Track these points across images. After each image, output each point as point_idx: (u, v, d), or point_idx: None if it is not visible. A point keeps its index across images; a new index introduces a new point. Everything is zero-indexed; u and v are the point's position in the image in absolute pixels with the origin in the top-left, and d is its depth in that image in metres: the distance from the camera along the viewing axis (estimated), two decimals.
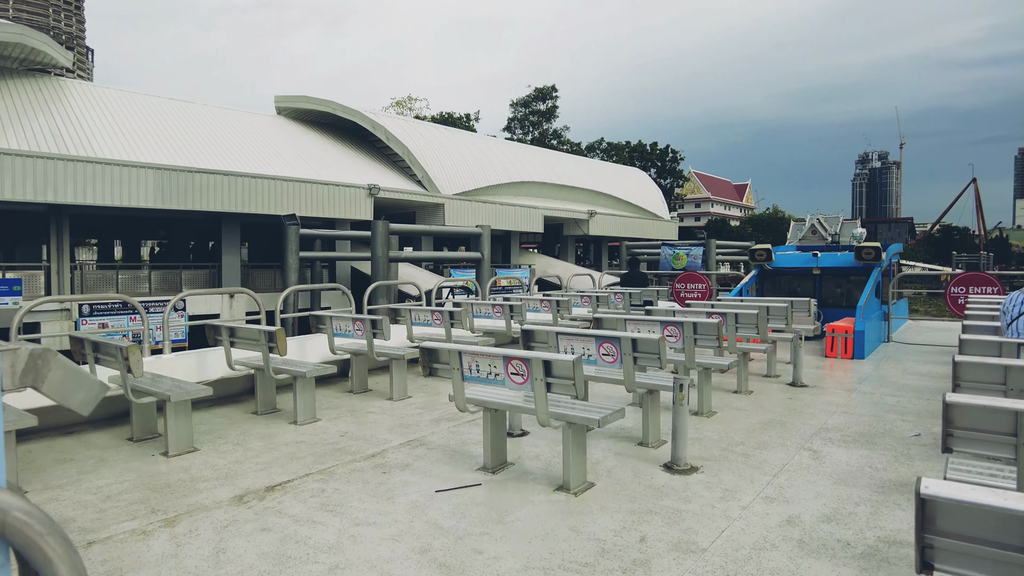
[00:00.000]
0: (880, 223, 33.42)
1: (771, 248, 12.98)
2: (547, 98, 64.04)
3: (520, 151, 37.57)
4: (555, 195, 34.92)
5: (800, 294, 12.62)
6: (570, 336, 5.12)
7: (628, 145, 68.96)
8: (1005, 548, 1.58)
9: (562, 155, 41.90)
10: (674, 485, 4.27)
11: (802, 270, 12.76)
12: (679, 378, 4.59)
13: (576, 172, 38.48)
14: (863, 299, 10.42)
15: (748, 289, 12.67)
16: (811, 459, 4.82)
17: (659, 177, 66.83)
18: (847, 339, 9.78)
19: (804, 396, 7.03)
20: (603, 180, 39.64)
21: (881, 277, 11.85)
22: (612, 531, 3.56)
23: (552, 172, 35.91)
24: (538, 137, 62.14)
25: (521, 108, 64.48)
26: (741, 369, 7.16)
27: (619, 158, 64.26)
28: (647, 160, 67.98)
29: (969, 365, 3.68)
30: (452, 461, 4.80)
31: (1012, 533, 1.56)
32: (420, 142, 29.44)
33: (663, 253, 27.67)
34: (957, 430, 2.70)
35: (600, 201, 37.73)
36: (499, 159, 33.14)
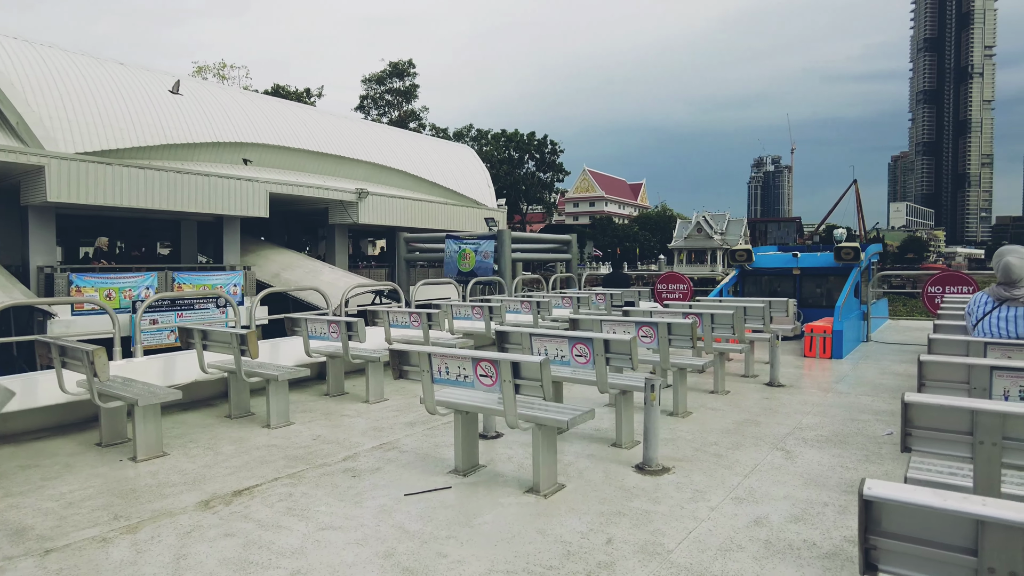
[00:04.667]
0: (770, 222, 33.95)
1: (751, 249, 13.05)
2: (404, 75, 57.35)
3: (259, 103, 25.87)
4: (319, 167, 25.38)
5: (780, 294, 12.69)
6: (543, 337, 5.09)
7: (504, 134, 63.41)
8: (946, 548, 1.57)
9: (340, 118, 31.06)
10: (645, 486, 4.25)
11: (782, 270, 12.83)
12: (651, 378, 4.58)
13: (364, 142, 28.34)
14: (841, 299, 10.48)
15: (729, 289, 12.72)
16: (783, 459, 4.83)
17: (538, 170, 64.27)
18: (825, 339, 9.83)
19: (780, 396, 7.05)
20: (409, 155, 30.40)
21: (860, 277, 11.93)
22: (579, 533, 3.54)
23: (311, 137, 25.42)
24: (397, 119, 55.32)
25: (375, 86, 57.70)
26: (718, 369, 7.17)
27: (492, 147, 61.00)
28: (524, 151, 63.34)
29: (934, 364, 3.69)
30: (424, 464, 4.76)
31: (953, 533, 1.55)
32: (19, 66, 17.52)
33: (447, 249, 20.95)
34: (916, 429, 2.70)
35: (392, 179, 28.53)
36: (203, 108, 21.85)
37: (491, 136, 63.66)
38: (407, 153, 30.45)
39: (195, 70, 48.08)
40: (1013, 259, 4.54)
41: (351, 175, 26.32)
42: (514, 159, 62.77)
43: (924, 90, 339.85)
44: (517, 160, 62.86)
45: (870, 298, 12.59)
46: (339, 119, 30.38)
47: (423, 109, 58.72)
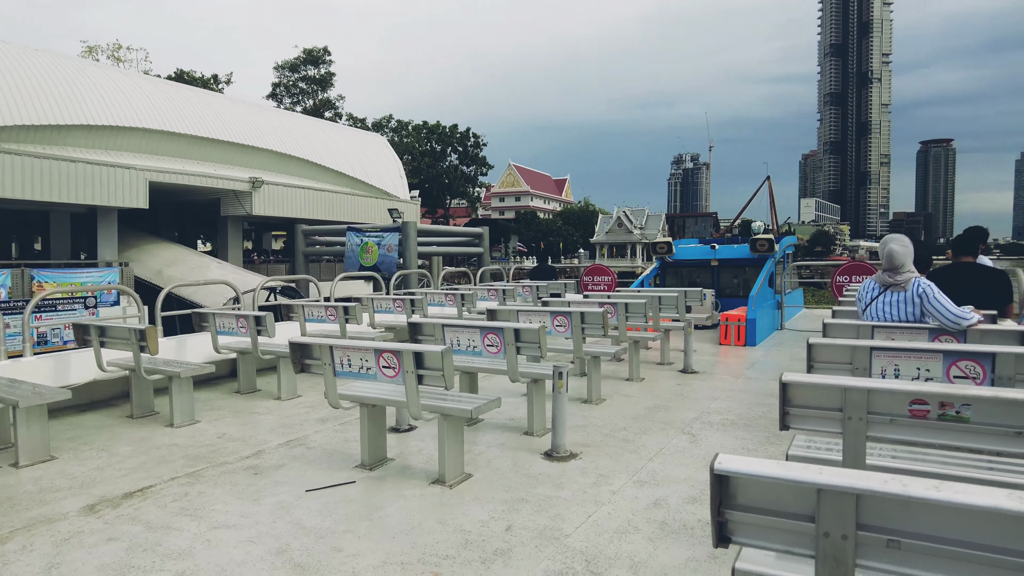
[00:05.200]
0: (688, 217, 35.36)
1: (672, 241, 13.37)
2: (319, 62, 54.12)
3: (143, 84, 23.17)
4: (211, 155, 22.92)
5: (700, 285, 13.05)
6: (456, 328, 5.04)
7: (425, 125, 61.65)
8: (790, 517, 1.61)
9: (237, 103, 28.59)
10: (551, 472, 4.27)
11: (701, 262, 13.20)
12: (559, 367, 4.60)
13: (263, 128, 25.88)
14: (755, 289, 10.85)
15: (650, 281, 12.99)
16: (688, 442, 4.94)
17: (461, 163, 63.21)
18: (740, 327, 10.17)
19: (693, 382, 7.23)
20: (314, 144, 28.15)
21: (775, 268, 12.38)
22: (480, 522, 3.51)
23: (202, 122, 22.83)
24: (311, 108, 52.47)
25: (289, 73, 54.37)
26: (633, 357, 7.29)
27: (414, 139, 59.89)
28: (446, 143, 62.03)
29: (821, 347, 3.84)
30: (330, 460, 4.63)
31: (795, 502, 1.59)
32: None
33: (348, 242, 18.85)
34: (793, 408, 2.79)
35: (294, 169, 26.35)
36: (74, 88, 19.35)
37: (412, 127, 61.77)
38: (312, 141, 28.34)
39: (85, 50, 43.56)
40: (895, 247, 4.77)
41: (248, 164, 24.18)
42: (436, 152, 61.41)
43: (831, 92, 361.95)
44: (439, 153, 61.56)
45: (784, 288, 13.10)
46: (236, 104, 28.09)
47: (339, 98, 55.71)
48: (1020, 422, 2.39)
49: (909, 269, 4.79)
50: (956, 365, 3.56)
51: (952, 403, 2.49)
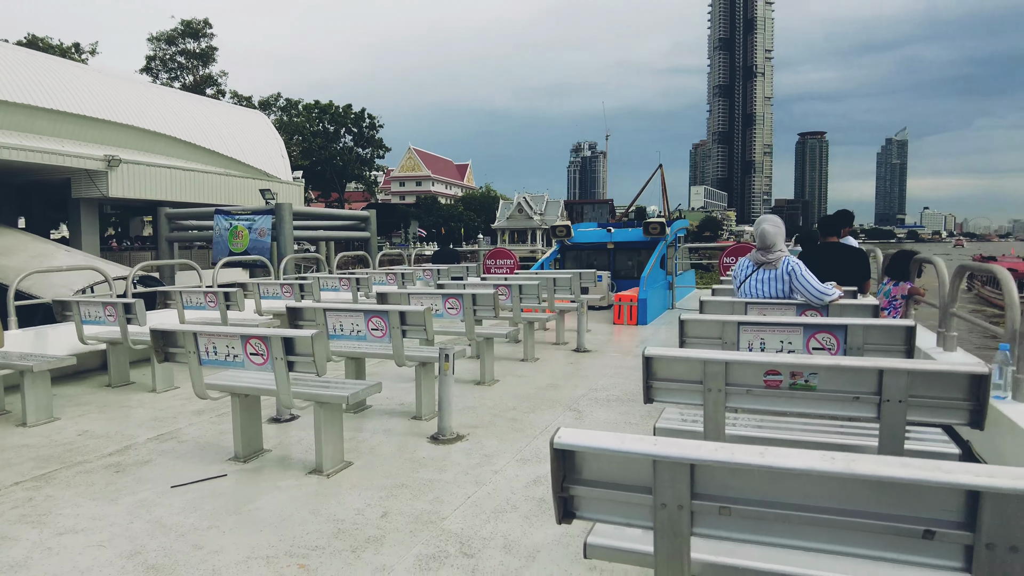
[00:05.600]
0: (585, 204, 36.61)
1: (571, 225, 13.56)
2: (199, 35, 49.28)
3: None
4: (59, 129, 20.08)
5: (597, 267, 13.31)
6: (338, 312, 4.85)
7: (317, 105, 57.58)
8: (628, 489, 1.60)
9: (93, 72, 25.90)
10: (435, 456, 4.19)
11: (598, 245, 13.46)
12: (445, 349, 4.51)
13: (125, 101, 23.04)
14: (647, 270, 11.18)
15: (550, 263, 13.13)
16: (574, 419, 5.00)
17: (356, 145, 59.33)
18: (632, 307, 10.45)
19: (584, 360, 7.35)
20: (184, 120, 25.42)
21: (666, 250, 12.80)
22: (355, 510, 3.39)
23: (46, 91, 20.08)
24: (191, 84, 48.03)
25: (165, 46, 49.16)
26: (528, 337, 7.33)
27: (304, 118, 56.26)
28: (340, 124, 58.02)
29: (693, 323, 3.94)
30: (203, 454, 4.36)
31: (633, 473, 1.59)
32: None
33: (216, 226, 17.09)
34: (657, 381, 2.84)
35: (160, 147, 23.50)
36: None
37: (302, 107, 57.66)
38: (182, 118, 25.57)
39: None
40: (767, 227, 4.98)
41: (106, 140, 21.35)
42: (329, 133, 57.98)
43: (719, 85, 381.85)
44: (333, 134, 58.17)
45: (676, 269, 13.59)
46: (93, 74, 24.86)
47: (222, 74, 51.12)
48: (857, 388, 2.53)
49: (780, 248, 5.01)
50: (815, 337, 3.75)
51: (801, 372, 2.60)
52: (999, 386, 3.25)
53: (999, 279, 3.59)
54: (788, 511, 1.47)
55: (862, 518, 1.42)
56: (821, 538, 1.48)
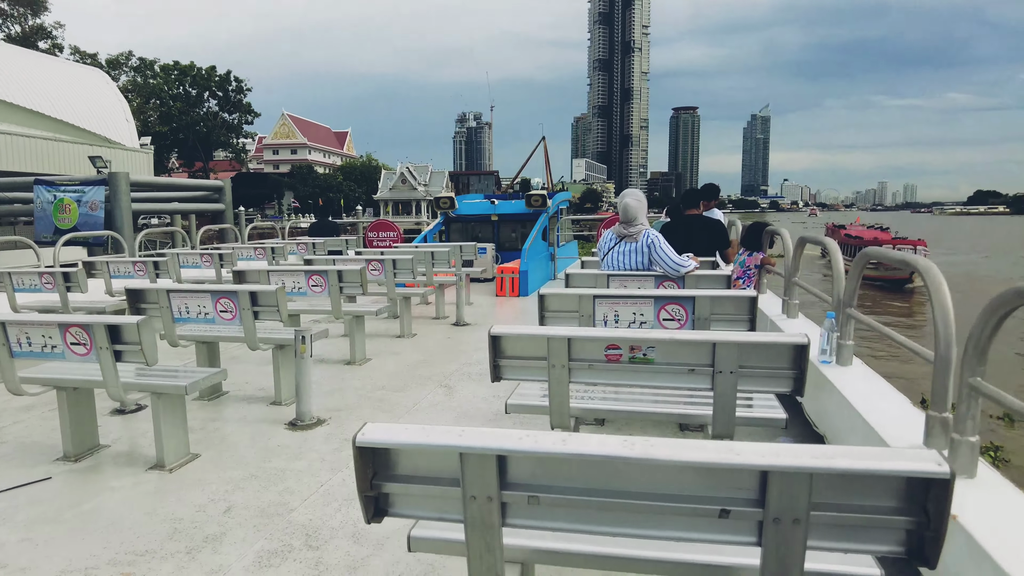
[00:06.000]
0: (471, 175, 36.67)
1: (454, 196, 13.39)
2: None
3: None
4: None
5: (482, 239, 13.28)
6: (184, 294, 4.47)
7: (176, 66, 52.31)
8: (441, 483, 1.53)
9: None
10: (291, 443, 3.99)
11: (482, 217, 13.40)
12: (301, 331, 4.28)
13: None
14: (528, 242, 11.25)
15: (434, 236, 12.94)
16: (444, 395, 4.93)
17: (222, 110, 54.81)
18: (514, 279, 10.50)
19: (462, 334, 7.30)
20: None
21: (548, 222, 12.93)
22: (196, 507, 3.15)
23: None
24: (20, 36, 42.66)
25: None
26: (404, 313, 7.16)
27: (162, 80, 51.38)
28: (202, 87, 53.19)
29: (551, 297, 3.95)
30: (25, 455, 3.91)
31: (443, 467, 1.51)
32: None
33: (38, 199, 14.99)
34: (504, 359, 2.80)
35: None
36: None
37: (159, 67, 51.97)
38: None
39: None
40: (629, 200, 5.07)
41: None
42: (191, 96, 52.82)
43: (599, 59, 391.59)
44: (195, 98, 53.12)
45: (558, 241, 13.79)
46: None
47: (57, 25, 44.95)
48: (692, 361, 2.60)
49: (641, 222, 5.12)
50: (664, 308, 3.86)
51: (640, 346, 2.63)
52: (825, 351, 3.48)
53: (828, 250, 3.83)
54: (593, 497, 1.45)
55: (663, 501, 1.41)
56: (627, 522, 1.47)
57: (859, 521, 1.38)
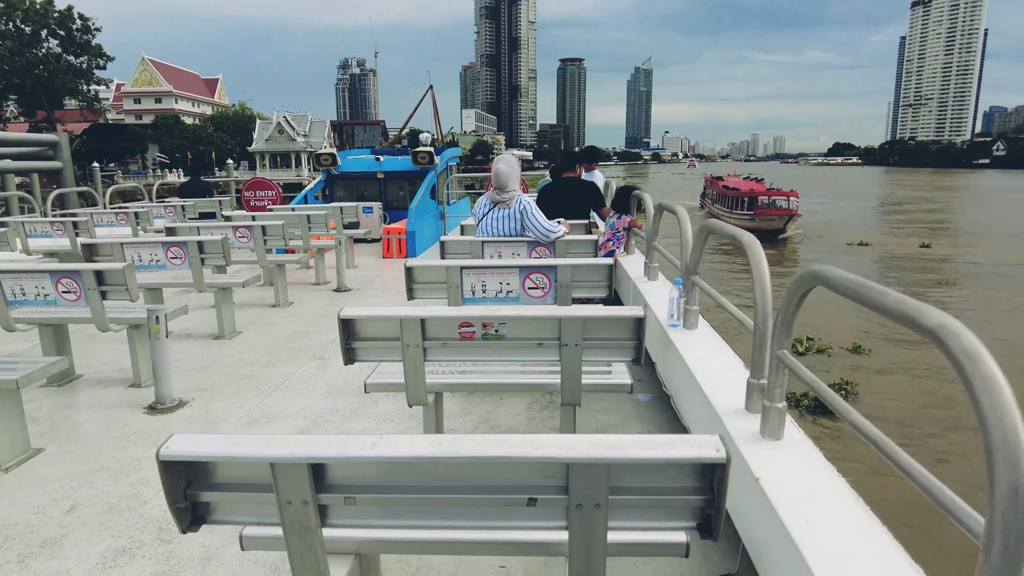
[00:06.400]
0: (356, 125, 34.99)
1: (336, 153, 12.87)
2: None
3: None
4: None
5: (368, 198, 12.93)
6: (17, 275, 4.08)
7: None
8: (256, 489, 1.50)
9: None
10: (149, 428, 3.80)
11: (367, 174, 13.01)
12: (154, 310, 4.03)
13: None
14: (415, 201, 11.06)
15: (316, 195, 12.44)
16: (317, 369, 4.83)
17: (65, 52, 47.75)
18: (401, 240, 10.34)
19: (343, 301, 7.14)
20: None
21: (437, 179, 12.73)
22: (34, 509, 2.95)
23: None
24: None
25: None
26: (278, 281, 6.90)
27: None
28: (38, 24, 46.01)
29: (419, 269, 3.93)
30: None
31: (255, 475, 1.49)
32: None
33: None
34: (359, 341, 2.77)
35: None
36: None
37: None
38: None
39: None
40: (501, 166, 5.07)
41: None
42: (24, 34, 45.46)
43: (485, 6, 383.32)
44: (30, 36, 45.63)
45: (448, 199, 13.63)
46: None
47: None
48: (541, 335, 2.68)
49: (513, 188, 5.14)
50: (529, 277, 3.93)
51: (491, 323, 2.68)
52: (673, 316, 3.69)
53: (678, 218, 4.02)
54: (408, 495, 1.48)
55: (474, 493, 1.47)
56: (442, 515, 1.51)
57: (656, 502, 1.49)
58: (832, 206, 48.47)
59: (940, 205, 52.62)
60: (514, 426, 3.73)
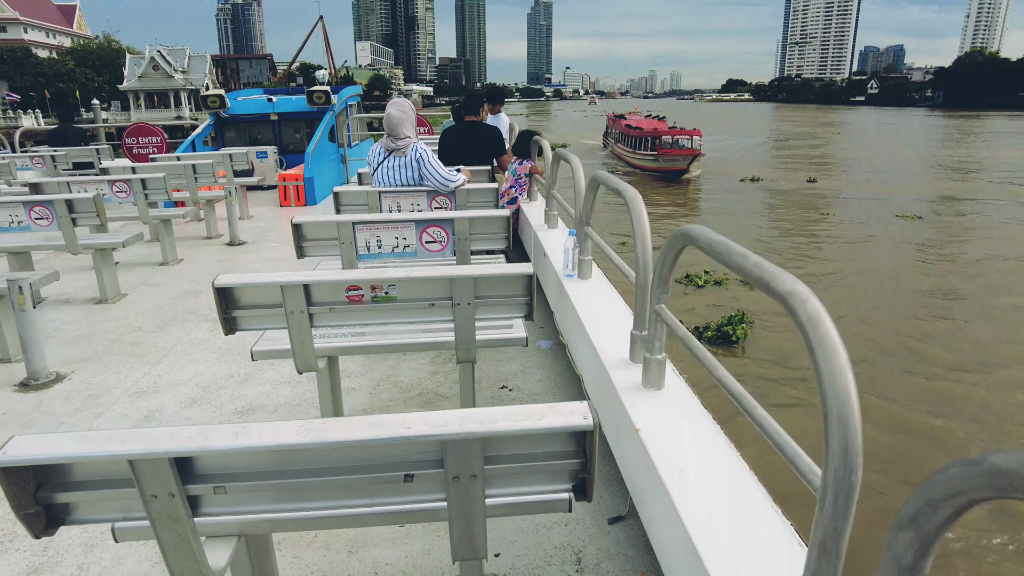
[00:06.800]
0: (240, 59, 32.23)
1: (224, 94, 11.98)
2: None
3: None
4: None
5: (261, 142, 12.21)
6: None
7: None
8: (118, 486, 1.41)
9: None
10: (21, 408, 3.51)
11: (260, 116, 12.22)
12: (16, 279, 3.67)
13: None
14: (312, 144, 10.52)
15: (204, 140, 11.60)
16: (209, 331, 4.59)
17: None
18: (298, 187, 9.86)
19: (238, 256, 6.79)
20: None
21: (336, 120, 12.13)
22: None
23: None
24: None
25: None
26: (164, 238, 6.44)
27: None
28: None
29: (308, 225, 3.76)
30: None
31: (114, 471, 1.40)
32: None
33: None
34: (239, 310, 2.63)
35: None
36: None
37: None
38: None
39: None
40: (393, 111, 4.83)
41: None
42: None
43: None
44: None
45: (350, 140, 13.06)
46: None
47: None
48: (432, 295, 2.63)
49: (407, 134, 4.94)
50: (426, 231, 3.85)
51: (381, 286, 2.60)
52: (568, 266, 3.73)
53: (572, 169, 4.01)
54: (282, 480, 1.43)
55: (348, 474, 1.44)
56: (319, 496, 1.48)
57: (532, 468, 1.51)
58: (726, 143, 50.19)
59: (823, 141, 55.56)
60: (416, 381, 3.71)
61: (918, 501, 0.88)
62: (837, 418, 1.12)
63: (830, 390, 1.14)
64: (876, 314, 12.53)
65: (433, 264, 4.05)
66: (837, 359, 1.15)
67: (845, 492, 1.12)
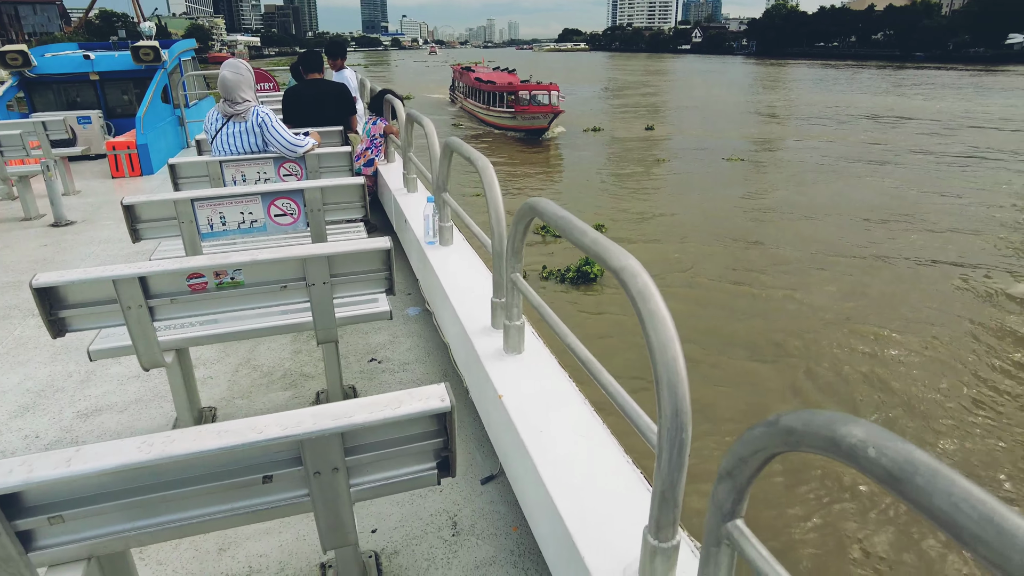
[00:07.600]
0: (21, 4, 27.01)
1: (27, 50, 10.31)
2: None
3: None
4: None
5: (82, 105, 10.77)
6: None
7: None
8: None
9: None
10: None
11: (77, 76, 10.70)
12: None
13: None
14: (143, 107, 9.43)
15: (8, 105, 9.98)
16: (37, 328, 4.05)
17: None
18: (131, 155, 8.84)
19: (66, 238, 6.01)
20: None
21: (168, 79, 10.92)
22: None
23: None
24: None
25: None
26: None
27: None
28: None
29: (142, 205, 3.40)
30: None
31: None
32: None
33: None
34: (69, 310, 2.34)
35: None
36: None
37: None
38: None
39: None
40: (227, 73, 4.40)
41: None
42: None
43: None
44: None
45: (187, 100, 11.84)
46: None
47: None
48: (284, 277, 2.49)
49: (246, 98, 4.53)
50: (274, 204, 3.61)
51: (225, 271, 2.42)
52: (429, 233, 3.67)
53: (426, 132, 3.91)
54: (128, 499, 1.31)
55: (202, 483, 1.35)
56: (176, 509, 1.38)
57: (395, 453, 1.50)
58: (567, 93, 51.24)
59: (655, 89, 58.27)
60: (278, 363, 3.54)
61: (732, 457, 0.97)
62: (666, 383, 1.20)
63: (660, 359, 1.21)
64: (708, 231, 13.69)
65: (285, 239, 3.83)
66: (665, 330, 1.23)
67: (678, 448, 1.21)
